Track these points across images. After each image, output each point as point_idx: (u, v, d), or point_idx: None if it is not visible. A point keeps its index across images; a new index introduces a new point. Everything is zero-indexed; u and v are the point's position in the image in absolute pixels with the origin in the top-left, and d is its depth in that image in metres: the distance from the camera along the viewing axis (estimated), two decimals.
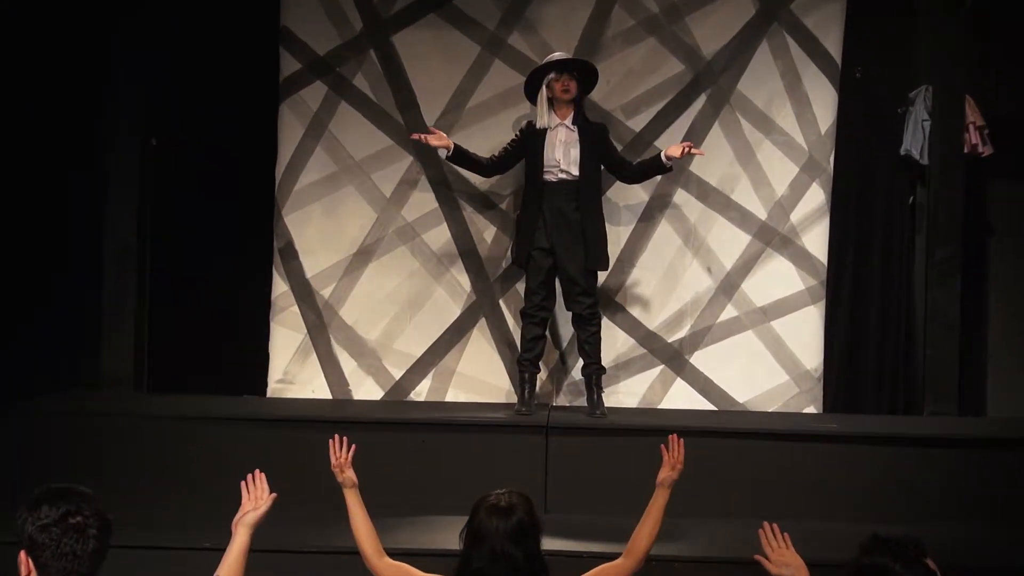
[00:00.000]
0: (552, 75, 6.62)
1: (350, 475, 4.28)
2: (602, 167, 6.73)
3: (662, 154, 6.60)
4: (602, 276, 6.96)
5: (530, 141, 6.67)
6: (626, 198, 7.18)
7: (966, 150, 7.14)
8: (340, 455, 4.29)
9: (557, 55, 6.74)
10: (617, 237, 7.15)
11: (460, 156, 6.71)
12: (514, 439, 6.35)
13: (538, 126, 6.65)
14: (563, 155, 6.62)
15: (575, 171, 6.63)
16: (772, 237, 7.25)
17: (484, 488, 3.71)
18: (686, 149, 6.53)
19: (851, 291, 7.38)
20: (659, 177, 6.94)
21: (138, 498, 5.93)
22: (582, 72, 6.69)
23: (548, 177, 6.65)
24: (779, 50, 7.25)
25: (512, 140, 6.76)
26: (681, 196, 7.27)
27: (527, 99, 6.84)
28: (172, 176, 7.40)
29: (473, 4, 7.22)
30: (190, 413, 6.53)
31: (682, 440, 4.37)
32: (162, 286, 7.44)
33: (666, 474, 4.32)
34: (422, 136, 6.64)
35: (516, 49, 7.27)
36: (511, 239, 7.09)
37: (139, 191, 7.31)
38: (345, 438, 4.34)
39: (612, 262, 6.96)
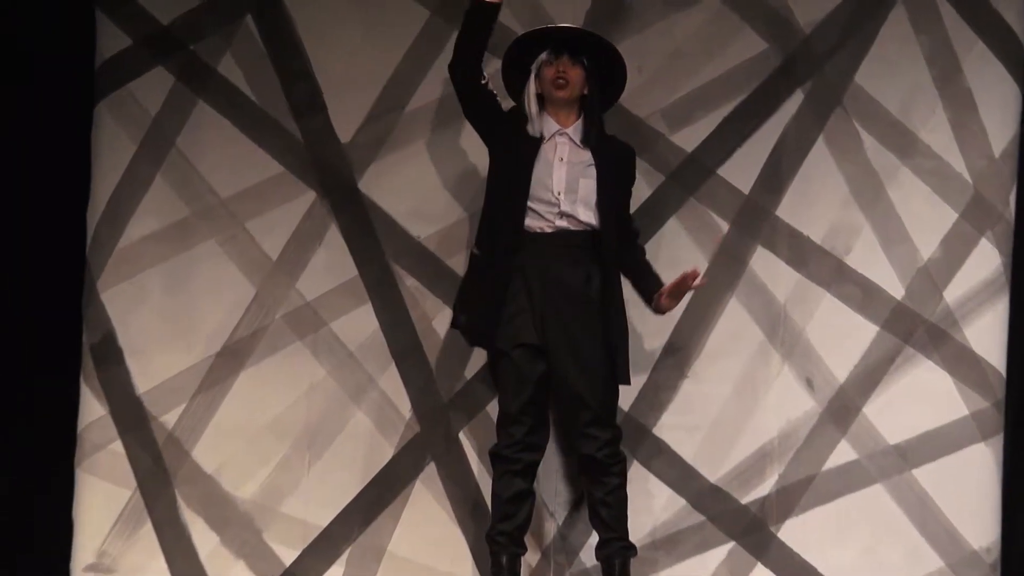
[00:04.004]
0: (544, 56, 6.52)
1: None
2: None
3: (658, 294, 6.63)
4: (626, 393, 6.81)
5: (514, 145, 6.53)
6: (669, 250, 7.13)
7: None
8: None
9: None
10: (652, 327, 7.04)
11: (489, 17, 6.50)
12: None
13: (529, 134, 6.60)
14: (566, 185, 6.45)
15: (590, 217, 6.47)
16: (914, 328, 7.15)
17: None
18: (693, 281, 6.45)
19: None
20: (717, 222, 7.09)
21: None
22: (595, 56, 6.54)
23: (535, 224, 6.46)
24: (923, 20, 7.19)
25: (495, 100, 6.62)
26: (762, 257, 7.17)
27: (507, 94, 6.71)
28: None
29: None
30: None
31: None
32: None
33: None
34: None
35: None
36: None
37: None
38: None
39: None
